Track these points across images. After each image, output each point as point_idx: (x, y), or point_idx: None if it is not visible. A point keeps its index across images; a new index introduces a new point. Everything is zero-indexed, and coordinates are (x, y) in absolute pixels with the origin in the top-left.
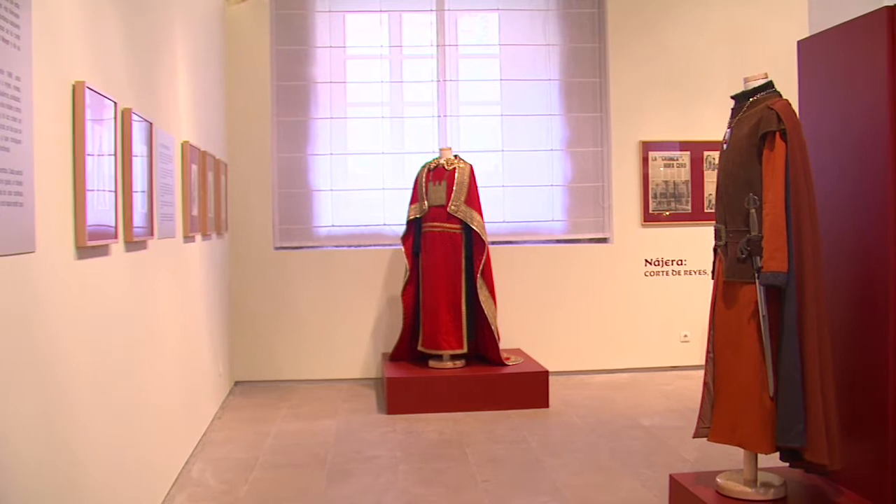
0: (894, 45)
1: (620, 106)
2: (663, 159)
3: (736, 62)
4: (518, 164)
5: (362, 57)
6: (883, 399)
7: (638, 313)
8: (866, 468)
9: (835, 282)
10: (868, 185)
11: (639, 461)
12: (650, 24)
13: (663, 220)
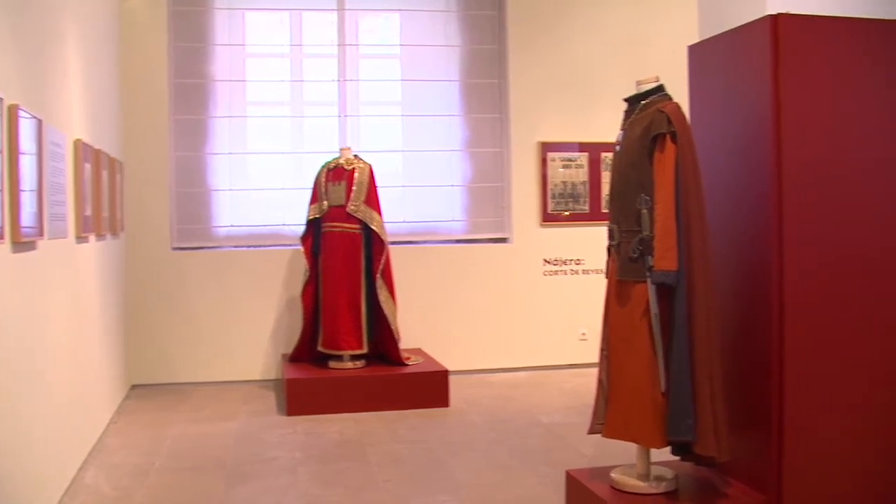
0: (777, 52)
1: (519, 107)
2: (562, 160)
3: (632, 65)
4: (418, 164)
5: (262, 55)
6: (766, 394)
7: (537, 312)
8: (752, 459)
9: (723, 281)
10: (753, 187)
11: (538, 458)
12: (549, 26)
13: (562, 220)
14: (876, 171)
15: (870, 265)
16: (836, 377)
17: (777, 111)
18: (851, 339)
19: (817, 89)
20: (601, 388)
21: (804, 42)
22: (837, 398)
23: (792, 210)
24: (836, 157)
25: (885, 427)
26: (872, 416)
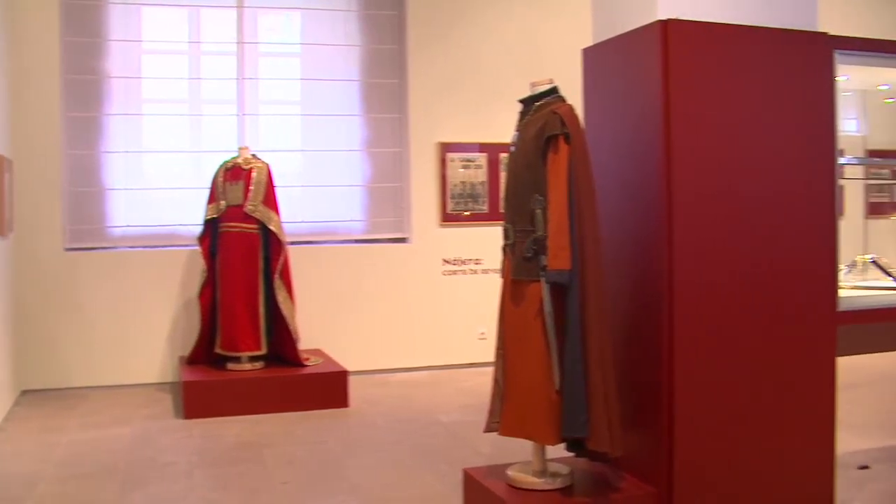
0: (667, 56)
1: (419, 107)
2: (461, 160)
3: (531, 66)
4: (318, 163)
5: (160, 52)
6: (658, 389)
7: (437, 312)
8: (645, 454)
9: (616, 280)
10: (644, 189)
11: (436, 457)
12: (449, 27)
13: (462, 220)
14: (762, 175)
15: (757, 267)
16: (723, 374)
17: (667, 115)
18: (738, 338)
19: (706, 94)
20: (497, 387)
21: (693, 47)
22: (724, 394)
23: (681, 212)
24: (725, 161)
25: (768, 422)
26: (756, 412)
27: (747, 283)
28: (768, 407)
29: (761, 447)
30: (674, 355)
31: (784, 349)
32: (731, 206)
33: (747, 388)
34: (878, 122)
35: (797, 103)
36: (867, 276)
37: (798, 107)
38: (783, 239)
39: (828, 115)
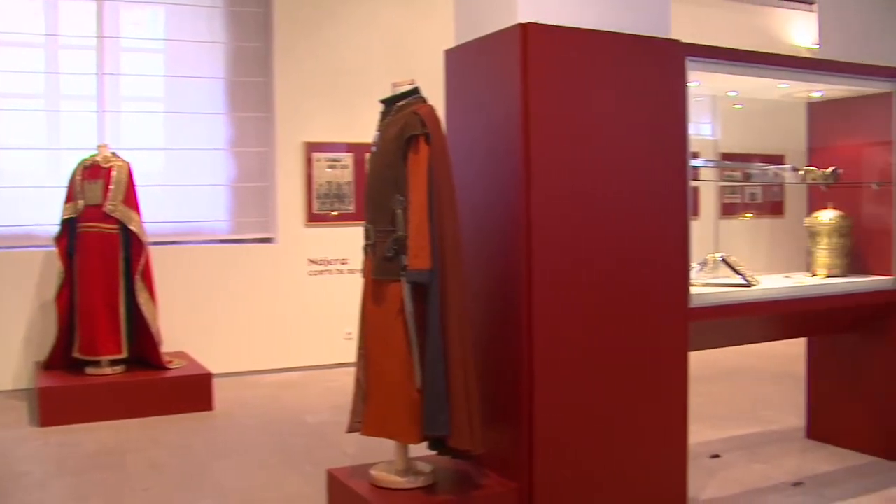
0: (526, 59)
1: (285, 106)
2: (327, 160)
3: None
4: (181, 162)
5: (13, 44)
6: (517, 387)
7: (303, 312)
8: (506, 450)
9: (476, 279)
10: (504, 190)
11: (302, 458)
12: (316, 26)
13: (329, 220)
14: (618, 177)
15: (613, 266)
16: (581, 370)
17: (526, 117)
18: (595, 334)
19: (564, 97)
20: (359, 387)
21: (552, 51)
22: (582, 390)
23: (539, 213)
24: (582, 163)
25: (624, 416)
26: (613, 406)
27: (604, 282)
28: (624, 401)
29: (618, 440)
30: (533, 353)
31: (639, 345)
32: (588, 207)
33: (604, 383)
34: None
35: (651, 107)
36: (717, 274)
37: (652, 110)
38: (638, 239)
39: (680, 119)
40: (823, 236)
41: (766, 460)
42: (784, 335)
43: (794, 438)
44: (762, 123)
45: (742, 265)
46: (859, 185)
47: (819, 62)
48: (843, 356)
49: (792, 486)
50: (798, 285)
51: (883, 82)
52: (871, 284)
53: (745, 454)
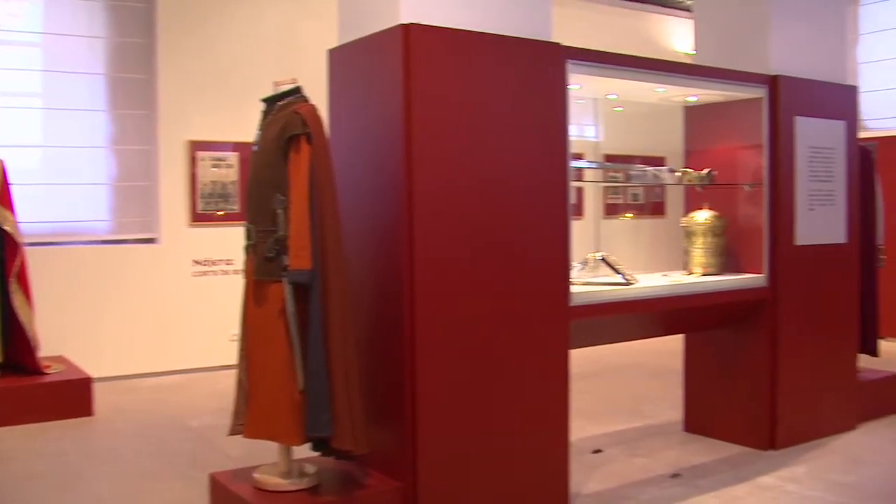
0: (409, 60)
1: (168, 104)
2: (212, 159)
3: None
4: (59, 160)
5: None
6: (401, 386)
7: (187, 313)
8: (391, 450)
9: (358, 279)
10: (386, 190)
11: (185, 463)
12: (201, 22)
13: (214, 219)
14: (500, 178)
15: (495, 266)
16: (464, 369)
17: (408, 118)
18: (478, 333)
19: (447, 98)
20: (241, 389)
21: (434, 52)
22: (466, 388)
23: (422, 213)
24: (464, 164)
25: (507, 413)
26: (496, 404)
27: (486, 281)
28: (507, 398)
29: (501, 437)
30: (416, 352)
31: (521, 343)
32: (470, 208)
33: (487, 381)
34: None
35: (533, 109)
36: (598, 273)
37: (534, 112)
38: (520, 238)
39: (561, 120)
40: (699, 236)
41: (646, 454)
42: (662, 332)
43: (672, 432)
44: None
45: (621, 264)
46: (733, 187)
47: (693, 67)
48: (718, 351)
49: (670, 477)
50: (674, 284)
51: (754, 88)
52: (743, 282)
53: (625, 448)
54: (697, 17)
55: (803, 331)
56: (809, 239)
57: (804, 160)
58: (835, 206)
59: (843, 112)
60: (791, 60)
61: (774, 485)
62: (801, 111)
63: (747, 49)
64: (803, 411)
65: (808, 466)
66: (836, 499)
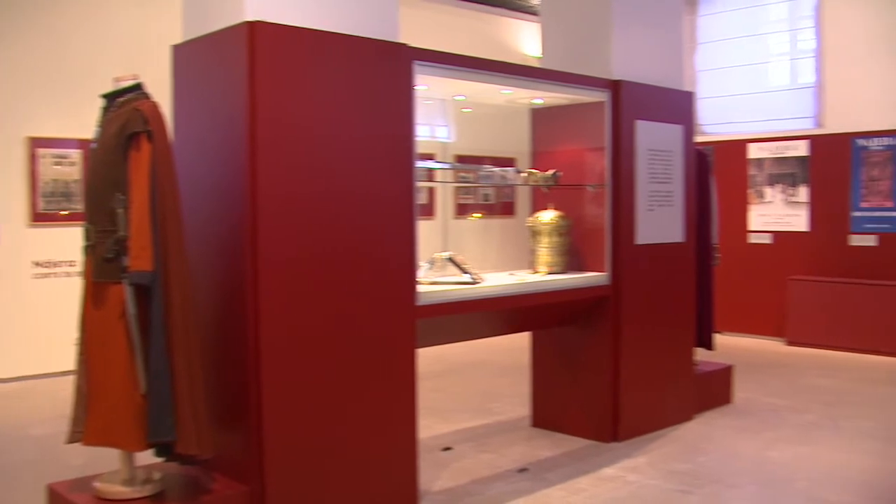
0: (254, 58)
1: (5, 100)
2: (54, 157)
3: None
4: None
5: None
6: (246, 388)
7: (28, 317)
8: (237, 453)
9: (202, 280)
10: (230, 190)
11: (24, 474)
12: (41, 15)
13: (57, 219)
14: (347, 178)
15: (341, 266)
16: (310, 370)
17: (253, 117)
18: (323, 334)
19: (293, 97)
20: (80, 395)
21: (280, 51)
22: (313, 389)
23: (266, 213)
24: (310, 164)
25: (355, 413)
26: (344, 404)
27: (332, 281)
28: (354, 398)
29: (349, 437)
30: (260, 353)
31: (368, 343)
32: (316, 208)
33: (333, 381)
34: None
35: (380, 109)
36: (445, 273)
37: (381, 113)
38: (367, 238)
39: (408, 121)
40: (544, 235)
41: (495, 450)
42: (509, 330)
43: (520, 427)
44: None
45: (468, 264)
46: (577, 188)
47: (538, 71)
48: (563, 348)
49: (517, 472)
50: (520, 282)
51: (597, 92)
52: (587, 280)
53: (475, 445)
54: (544, 22)
55: (644, 327)
56: (649, 238)
57: (644, 162)
58: (673, 207)
59: (680, 117)
60: (632, 66)
61: (616, 475)
62: (641, 115)
63: (591, 54)
64: (644, 404)
65: (649, 456)
66: (673, 486)
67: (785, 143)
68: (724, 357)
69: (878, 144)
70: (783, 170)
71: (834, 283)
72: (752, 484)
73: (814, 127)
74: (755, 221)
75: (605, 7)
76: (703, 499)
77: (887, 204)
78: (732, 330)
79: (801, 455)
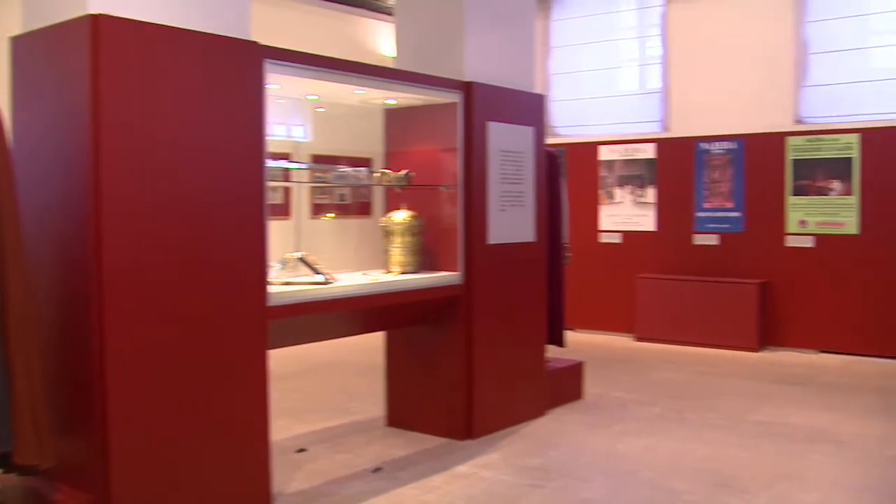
0: (97, 53)
1: None
2: None
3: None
4: None
5: None
6: (90, 394)
7: None
8: (81, 461)
9: (46, 282)
10: (73, 188)
11: None
12: None
13: None
14: (195, 177)
15: (189, 267)
16: (158, 374)
17: (96, 113)
18: (172, 337)
19: (139, 94)
20: None
21: (126, 45)
22: (161, 393)
23: (111, 213)
24: (157, 163)
25: (205, 417)
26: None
27: (179, 283)
28: (204, 402)
29: (199, 441)
30: (105, 357)
31: (217, 345)
32: (162, 209)
33: (182, 384)
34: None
35: (230, 108)
36: (298, 273)
37: (231, 111)
38: (216, 240)
39: (258, 120)
40: (397, 235)
41: (350, 450)
42: (363, 330)
43: (376, 427)
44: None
45: (320, 264)
46: (430, 188)
47: (389, 71)
48: (417, 347)
49: (372, 472)
50: (373, 282)
51: (449, 93)
52: (439, 280)
53: (330, 446)
54: (398, 23)
55: (496, 325)
56: (501, 238)
57: (496, 163)
58: (524, 207)
59: (532, 118)
60: (485, 68)
61: (470, 472)
62: (493, 117)
63: (444, 56)
64: (497, 401)
65: (502, 453)
66: (525, 481)
67: (634, 145)
68: (576, 354)
69: (720, 148)
70: (632, 171)
71: (679, 280)
72: (601, 476)
73: (660, 130)
74: (605, 221)
75: (457, 9)
76: (553, 492)
77: (728, 205)
78: (585, 327)
79: (647, 447)
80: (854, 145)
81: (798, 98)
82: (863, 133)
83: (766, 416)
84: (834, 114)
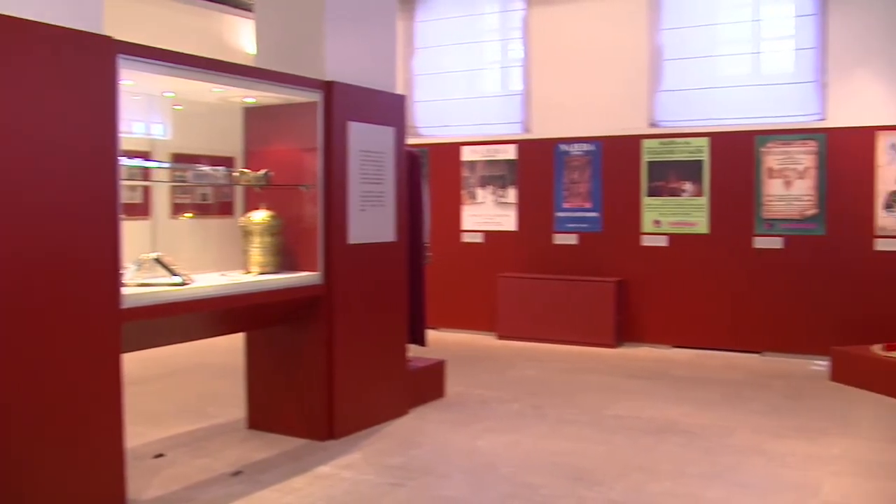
0: None
1: None
2: None
3: None
4: None
5: None
6: None
7: None
8: None
9: None
10: None
11: None
12: None
13: None
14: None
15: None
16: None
17: None
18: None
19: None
20: None
21: None
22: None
23: None
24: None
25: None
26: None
27: (25, 286)
28: (55, 409)
29: (50, 448)
30: None
31: (69, 350)
32: (6, 210)
33: (32, 391)
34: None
35: (81, 104)
36: (154, 274)
37: (81, 107)
38: (64, 241)
39: (111, 117)
40: (256, 235)
41: (209, 454)
42: (222, 331)
43: (236, 430)
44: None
45: (176, 264)
46: (291, 188)
47: (248, 69)
48: (277, 348)
49: (231, 475)
50: (231, 283)
51: (309, 92)
52: (299, 280)
53: (189, 450)
54: (258, 21)
55: (357, 325)
56: (361, 238)
57: (356, 163)
58: (385, 207)
59: (392, 119)
60: (345, 68)
61: (331, 473)
62: (353, 116)
63: (304, 54)
64: (359, 401)
65: (363, 452)
66: (386, 480)
67: (495, 146)
68: (438, 353)
69: (578, 150)
70: (494, 172)
71: (539, 279)
72: (461, 473)
73: (521, 132)
74: (468, 221)
75: (318, 8)
76: (413, 490)
77: (586, 205)
78: (447, 326)
79: (507, 443)
80: (704, 148)
81: (653, 102)
82: (712, 137)
83: (621, 410)
84: (686, 118)
